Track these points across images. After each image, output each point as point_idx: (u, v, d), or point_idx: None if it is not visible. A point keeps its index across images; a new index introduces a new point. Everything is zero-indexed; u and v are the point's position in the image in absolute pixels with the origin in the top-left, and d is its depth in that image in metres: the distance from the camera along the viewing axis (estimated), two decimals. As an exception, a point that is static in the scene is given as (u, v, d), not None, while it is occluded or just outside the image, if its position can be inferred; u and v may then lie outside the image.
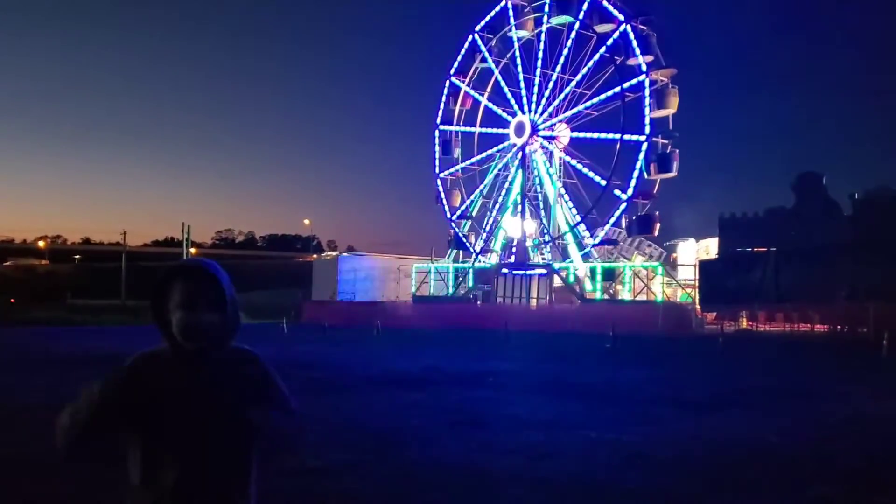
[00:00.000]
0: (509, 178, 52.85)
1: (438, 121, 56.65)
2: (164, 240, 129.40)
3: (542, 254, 50.51)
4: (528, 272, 47.48)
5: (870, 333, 26.36)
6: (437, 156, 56.54)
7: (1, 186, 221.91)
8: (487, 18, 54.32)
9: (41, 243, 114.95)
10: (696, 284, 43.16)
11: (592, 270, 47.12)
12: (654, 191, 46.15)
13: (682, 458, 7.85)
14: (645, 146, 44.75)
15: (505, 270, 48.53)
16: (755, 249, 45.40)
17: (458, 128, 56.36)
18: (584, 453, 8.01)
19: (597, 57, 47.72)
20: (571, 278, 47.11)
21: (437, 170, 56.40)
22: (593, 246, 47.02)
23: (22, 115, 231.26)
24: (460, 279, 52.67)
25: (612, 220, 46.02)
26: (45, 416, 9.41)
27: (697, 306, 38.39)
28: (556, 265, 47.92)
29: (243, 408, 2.38)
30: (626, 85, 45.97)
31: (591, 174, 47.85)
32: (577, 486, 6.66)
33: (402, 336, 30.54)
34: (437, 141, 56.51)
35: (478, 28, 54.91)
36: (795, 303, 31.75)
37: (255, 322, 49.12)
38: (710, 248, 55.65)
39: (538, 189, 51.56)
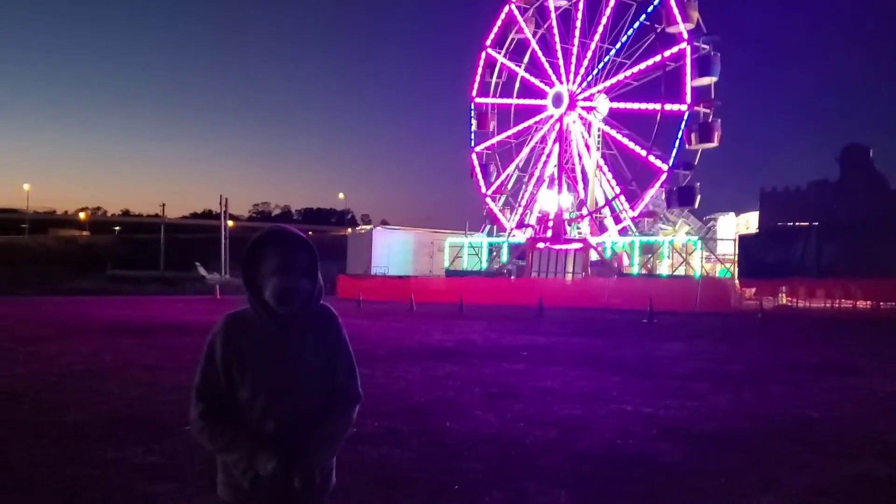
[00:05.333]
0: (546, 151, 52.28)
1: (474, 94, 55.96)
2: (202, 212, 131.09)
3: (579, 228, 50.10)
4: (564, 246, 47.21)
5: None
6: (472, 130, 56.05)
7: (44, 159, 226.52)
8: None
9: (82, 215, 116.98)
10: (736, 259, 42.52)
11: (630, 244, 46.60)
12: (695, 161, 45.42)
13: (719, 432, 7.75)
14: (686, 115, 43.99)
15: (540, 245, 48.30)
16: (796, 224, 44.48)
17: (494, 100, 55.71)
18: (620, 426, 7.92)
19: (636, 25, 46.88)
20: (608, 253, 46.70)
21: (471, 143, 55.93)
22: (633, 218, 46.48)
23: (63, 89, 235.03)
24: (494, 254, 52.54)
25: (653, 190, 45.36)
26: (86, 382, 9.63)
27: (736, 281, 37.82)
28: (593, 239, 47.52)
29: (320, 363, 2.58)
30: (666, 53, 45.10)
31: (630, 144, 47.17)
32: (612, 459, 6.60)
33: (435, 310, 30.60)
34: (472, 114, 55.96)
35: None
36: (837, 278, 31.10)
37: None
38: (750, 222, 54.76)
39: (576, 162, 51.00)
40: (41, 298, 39.78)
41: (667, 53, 45.09)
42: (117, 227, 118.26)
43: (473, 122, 55.86)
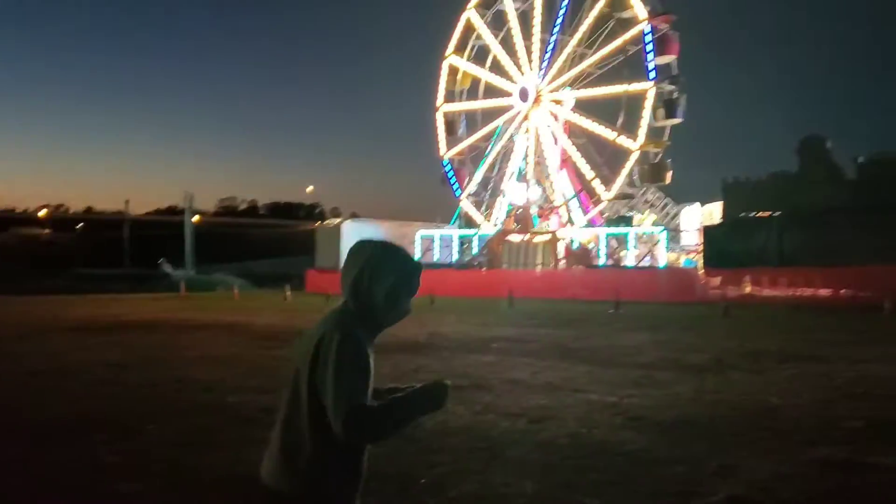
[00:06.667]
0: (513, 146, 52.43)
1: (438, 103, 55.89)
2: (166, 208, 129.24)
3: (547, 220, 50.36)
4: (532, 239, 47.46)
5: (872, 297, 26.35)
6: (441, 138, 55.87)
7: (2, 157, 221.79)
8: None
9: (42, 212, 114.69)
10: (701, 249, 43.04)
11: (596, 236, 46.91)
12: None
13: (682, 420, 7.89)
14: (651, 92, 44.29)
15: (509, 237, 48.50)
16: (759, 214, 45.16)
17: (460, 105, 55.63)
18: (585, 416, 8.05)
19: (595, 13, 47.13)
20: (575, 245, 47.01)
21: (442, 151, 55.73)
22: (609, 199, 46.69)
23: (22, 84, 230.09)
24: (465, 246, 52.60)
25: (626, 170, 45.44)
26: (52, 381, 9.51)
27: (701, 271, 38.31)
28: (560, 232, 47.81)
29: None
30: (626, 36, 45.48)
31: (600, 126, 47.26)
32: (577, 448, 6.70)
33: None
34: (439, 123, 55.80)
35: (471, 5, 54.04)
36: (799, 267, 31.66)
37: (258, 289, 49.30)
38: (713, 212, 55.48)
39: (543, 155, 51.21)
40: (4, 298, 39.03)
41: (627, 37, 45.44)
42: (80, 225, 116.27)
43: (442, 130, 55.62)
